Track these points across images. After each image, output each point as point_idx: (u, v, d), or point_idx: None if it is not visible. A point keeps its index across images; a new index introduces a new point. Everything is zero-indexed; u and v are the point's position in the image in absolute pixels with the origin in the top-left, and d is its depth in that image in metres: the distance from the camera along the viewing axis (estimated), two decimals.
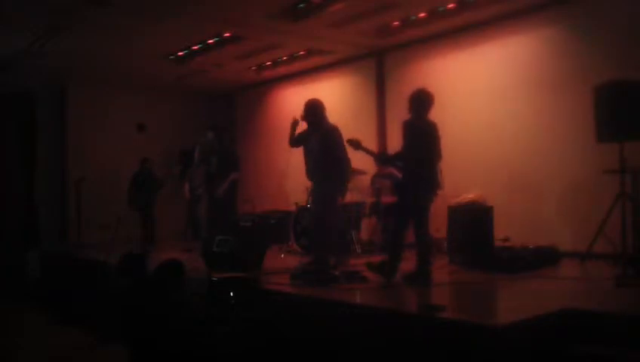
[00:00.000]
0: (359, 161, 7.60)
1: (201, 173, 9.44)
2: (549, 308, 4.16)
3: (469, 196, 6.99)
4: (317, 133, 6.53)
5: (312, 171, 6.64)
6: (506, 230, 6.88)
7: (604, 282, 5.20)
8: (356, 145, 5.91)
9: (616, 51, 6.58)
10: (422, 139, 5.55)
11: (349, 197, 8.30)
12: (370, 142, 9.17)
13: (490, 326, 3.81)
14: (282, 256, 7.99)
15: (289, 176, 10.51)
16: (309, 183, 8.45)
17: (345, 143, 6.33)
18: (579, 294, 4.99)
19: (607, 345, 3.80)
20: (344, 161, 6.44)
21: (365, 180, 8.79)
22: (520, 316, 3.96)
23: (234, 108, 12.73)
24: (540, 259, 6.28)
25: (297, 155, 10.14)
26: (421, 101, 5.66)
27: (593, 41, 6.86)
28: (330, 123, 6.55)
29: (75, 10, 6.98)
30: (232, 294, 5.02)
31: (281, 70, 10.44)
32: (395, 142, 8.46)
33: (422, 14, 7.68)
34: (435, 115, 5.75)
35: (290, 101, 11.05)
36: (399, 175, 5.99)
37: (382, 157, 6.00)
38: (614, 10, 6.67)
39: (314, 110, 6.51)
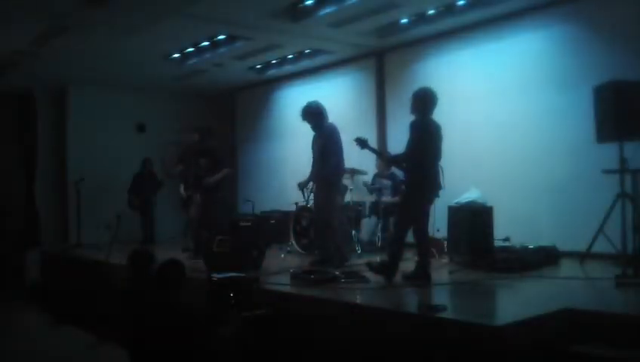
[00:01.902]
0: (359, 161, 7.62)
1: (192, 174, 9.44)
2: (549, 308, 4.15)
3: (469, 196, 6.99)
4: (320, 135, 6.63)
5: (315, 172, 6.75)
6: (506, 230, 6.87)
7: (604, 282, 5.19)
8: (363, 144, 5.89)
9: (618, 51, 6.57)
10: (428, 139, 5.54)
11: (349, 197, 8.32)
12: (370, 142, 9.15)
13: (490, 326, 3.81)
14: (282, 256, 7.99)
15: (289, 176, 10.53)
16: (308, 183, 8.49)
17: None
18: (579, 294, 4.99)
19: (607, 345, 3.80)
20: (342, 161, 6.64)
21: (365, 180, 8.80)
22: (520, 316, 3.95)
23: (234, 108, 12.73)
24: (540, 259, 6.28)
25: (297, 155, 10.15)
26: (427, 100, 5.64)
27: (593, 40, 6.86)
28: (330, 123, 6.64)
29: (75, 10, 6.98)
30: (232, 294, 5.01)
31: (281, 70, 10.44)
32: (395, 142, 8.47)
33: (421, 14, 7.71)
34: (435, 114, 5.75)
35: (291, 101, 11.05)
36: (401, 175, 6.00)
37: (387, 157, 6.00)
38: (617, 10, 6.67)
39: (312, 113, 6.66)
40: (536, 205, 7.25)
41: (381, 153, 5.88)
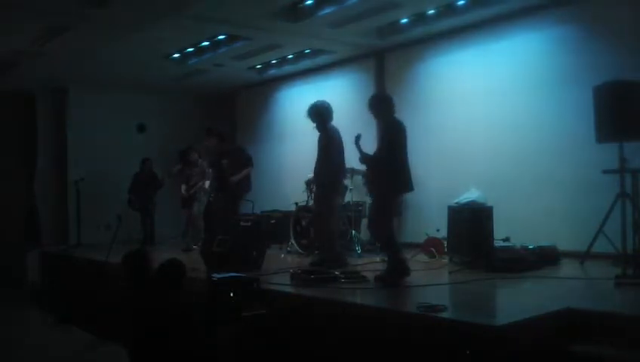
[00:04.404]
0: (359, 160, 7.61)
1: (196, 173, 9.46)
2: (549, 308, 4.16)
3: (469, 196, 6.99)
4: (322, 136, 6.65)
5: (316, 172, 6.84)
6: (506, 230, 6.87)
7: (604, 282, 5.19)
8: (357, 140, 5.88)
9: (618, 51, 6.57)
10: (398, 138, 5.58)
11: (349, 197, 8.32)
12: (371, 142, 9.15)
13: (490, 326, 3.81)
14: (282, 256, 7.99)
15: (289, 176, 10.53)
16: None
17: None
18: (579, 294, 4.99)
19: (607, 345, 3.80)
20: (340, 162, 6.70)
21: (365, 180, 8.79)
22: (520, 316, 3.96)
23: (234, 108, 12.72)
24: (540, 259, 6.28)
25: (297, 156, 10.14)
26: (388, 102, 5.75)
27: (593, 40, 6.86)
28: (332, 125, 6.66)
29: (75, 10, 6.98)
30: (232, 294, 5.01)
31: (281, 70, 10.44)
32: None
33: (421, 14, 7.71)
34: (435, 114, 5.76)
35: (291, 101, 11.06)
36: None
37: (363, 158, 5.96)
38: (616, 10, 6.67)
39: (315, 112, 6.66)
40: (536, 205, 7.24)
41: (361, 154, 5.87)
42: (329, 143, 6.65)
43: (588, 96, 6.11)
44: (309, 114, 6.76)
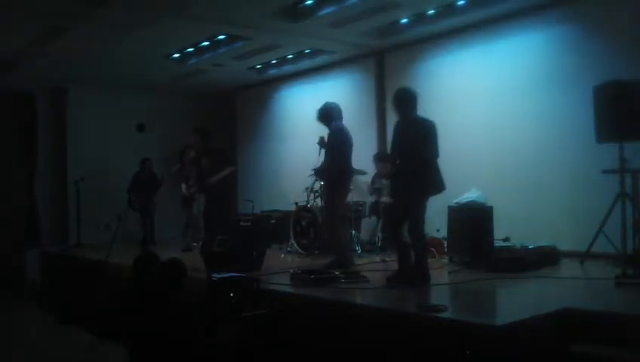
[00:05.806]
0: (359, 161, 7.62)
1: (194, 173, 9.48)
2: (549, 308, 4.16)
3: (469, 196, 6.99)
4: (328, 135, 6.70)
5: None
6: (506, 230, 6.87)
7: (604, 282, 5.19)
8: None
9: (618, 51, 6.57)
10: (418, 136, 5.50)
11: (349, 197, 8.32)
12: (371, 142, 9.18)
13: (490, 326, 3.81)
14: (282, 256, 7.98)
15: (289, 176, 10.53)
16: (308, 183, 8.51)
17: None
18: (579, 294, 4.99)
19: (607, 345, 3.80)
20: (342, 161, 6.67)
21: (365, 180, 8.79)
22: (520, 316, 3.96)
23: (234, 108, 12.72)
24: (540, 259, 6.28)
25: (297, 156, 10.15)
26: (410, 98, 5.59)
27: (593, 40, 6.86)
28: (335, 124, 6.68)
29: (75, 10, 6.98)
30: (232, 294, 5.02)
31: (281, 70, 10.44)
32: None
33: (421, 14, 7.71)
34: (435, 114, 5.75)
35: (291, 101, 11.06)
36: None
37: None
38: (616, 10, 6.67)
39: (321, 113, 6.68)
40: (536, 205, 7.24)
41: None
42: (330, 141, 6.67)
43: (588, 96, 6.11)
44: (317, 117, 6.81)
